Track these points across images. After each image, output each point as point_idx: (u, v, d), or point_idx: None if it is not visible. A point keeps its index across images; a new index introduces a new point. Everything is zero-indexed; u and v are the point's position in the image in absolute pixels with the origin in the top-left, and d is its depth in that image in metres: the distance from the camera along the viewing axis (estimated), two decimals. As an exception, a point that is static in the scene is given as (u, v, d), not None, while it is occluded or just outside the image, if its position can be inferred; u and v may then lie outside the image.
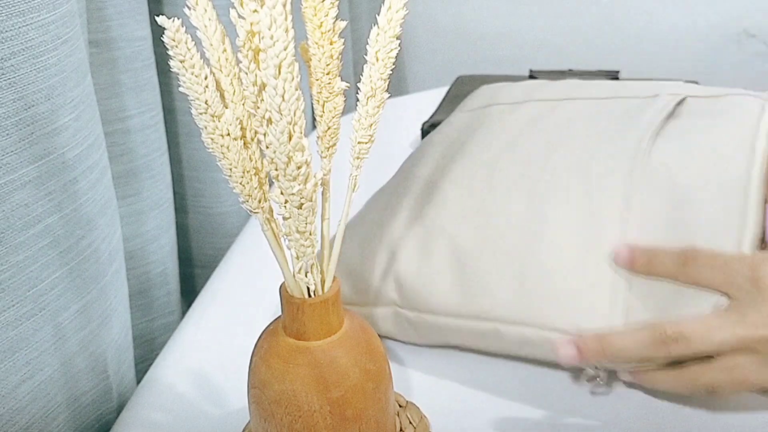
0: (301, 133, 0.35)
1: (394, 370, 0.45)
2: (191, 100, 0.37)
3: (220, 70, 0.38)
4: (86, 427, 0.55)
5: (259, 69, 0.36)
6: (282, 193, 0.37)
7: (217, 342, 0.61)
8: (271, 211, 0.40)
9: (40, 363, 0.48)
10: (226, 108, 0.38)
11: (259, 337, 0.44)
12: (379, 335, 0.45)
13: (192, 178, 0.84)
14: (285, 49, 0.33)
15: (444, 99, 1.01)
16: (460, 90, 1.03)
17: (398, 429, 0.48)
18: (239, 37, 0.36)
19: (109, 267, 0.55)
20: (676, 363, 0.47)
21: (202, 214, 0.86)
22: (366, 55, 0.39)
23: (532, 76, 1.06)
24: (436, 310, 0.53)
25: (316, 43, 0.38)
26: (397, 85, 1.43)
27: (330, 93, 0.40)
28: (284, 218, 0.38)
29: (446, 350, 0.58)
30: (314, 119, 0.41)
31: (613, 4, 1.28)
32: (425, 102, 1.07)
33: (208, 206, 0.85)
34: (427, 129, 0.92)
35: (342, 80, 0.40)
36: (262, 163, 0.40)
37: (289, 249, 0.40)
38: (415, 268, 0.54)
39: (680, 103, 0.60)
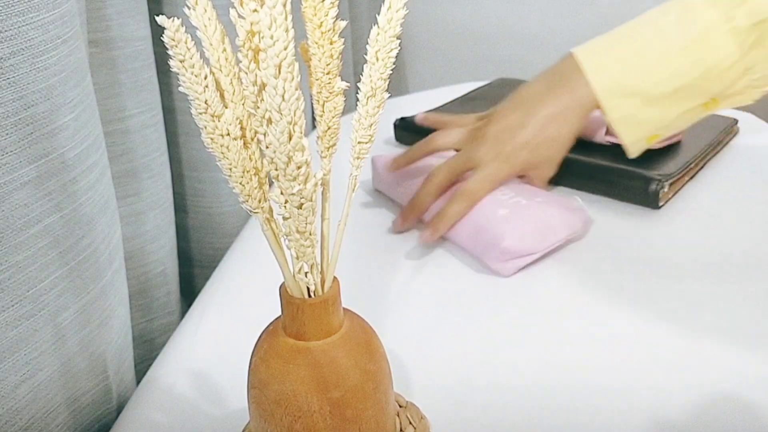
0: (301, 133, 0.35)
1: (394, 370, 0.45)
2: (191, 100, 0.37)
3: (220, 70, 0.38)
4: (86, 427, 0.55)
5: (259, 69, 0.36)
6: (282, 193, 0.37)
7: (217, 342, 0.61)
8: (271, 211, 0.40)
9: (40, 363, 0.48)
10: (226, 108, 0.38)
11: (259, 337, 0.44)
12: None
13: (192, 178, 0.84)
14: (285, 49, 0.33)
15: (462, 96, 1.02)
16: (482, 92, 1.04)
17: (398, 429, 0.48)
18: (239, 37, 0.36)
19: (108, 267, 0.55)
20: None
21: (202, 214, 0.86)
22: (366, 55, 0.39)
23: None
24: None
25: (316, 43, 0.38)
26: (397, 85, 1.43)
27: (330, 93, 0.39)
28: (284, 218, 0.38)
29: (446, 350, 0.58)
30: (314, 119, 0.41)
31: (612, 4, 1.28)
32: (425, 102, 1.07)
33: (208, 206, 0.85)
34: (398, 123, 0.95)
35: (342, 80, 0.40)
36: (262, 163, 0.39)
37: (289, 249, 0.40)
38: None
39: None
